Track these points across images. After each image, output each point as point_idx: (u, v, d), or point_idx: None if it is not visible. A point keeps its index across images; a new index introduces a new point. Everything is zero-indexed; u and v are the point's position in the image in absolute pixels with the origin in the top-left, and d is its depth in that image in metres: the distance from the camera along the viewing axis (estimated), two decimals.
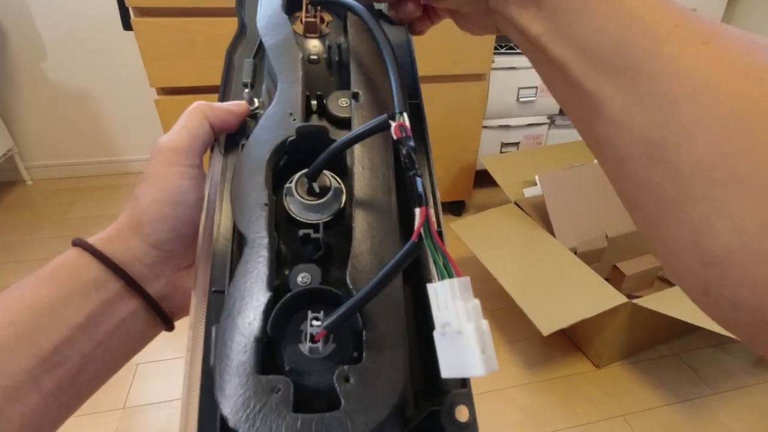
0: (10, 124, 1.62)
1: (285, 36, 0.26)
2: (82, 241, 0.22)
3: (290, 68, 0.25)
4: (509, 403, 0.95)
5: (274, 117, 0.23)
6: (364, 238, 0.20)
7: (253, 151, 0.22)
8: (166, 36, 1.02)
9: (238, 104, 0.25)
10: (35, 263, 1.30)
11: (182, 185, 0.23)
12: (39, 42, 1.52)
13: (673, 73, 0.16)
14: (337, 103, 0.25)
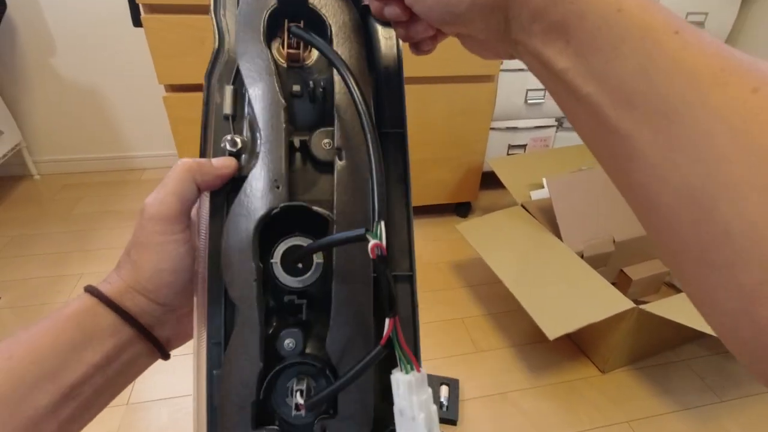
0: (18, 119, 1.63)
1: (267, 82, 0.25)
2: (97, 291, 0.25)
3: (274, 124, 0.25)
4: (513, 407, 0.94)
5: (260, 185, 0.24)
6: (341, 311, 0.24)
7: (240, 221, 0.24)
8: (175, 33, 1.02)
9: (226, 165, 0.25)
10: (43, 257, 1.31)
11: (179, 253, 0.25)
12: (48, 37, 1.53)
13: (721, 126, 0.15)
14: (321, 144, 0.26)
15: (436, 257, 1.37)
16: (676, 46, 0.16)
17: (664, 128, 0.16)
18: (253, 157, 0.25)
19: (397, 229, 0.27)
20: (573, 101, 0.20)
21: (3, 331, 1.07)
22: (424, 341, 1.08)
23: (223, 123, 0.26)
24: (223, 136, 0.26)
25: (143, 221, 0.25)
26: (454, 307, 1.19)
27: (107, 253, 1.34)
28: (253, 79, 0.25)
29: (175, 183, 0.25)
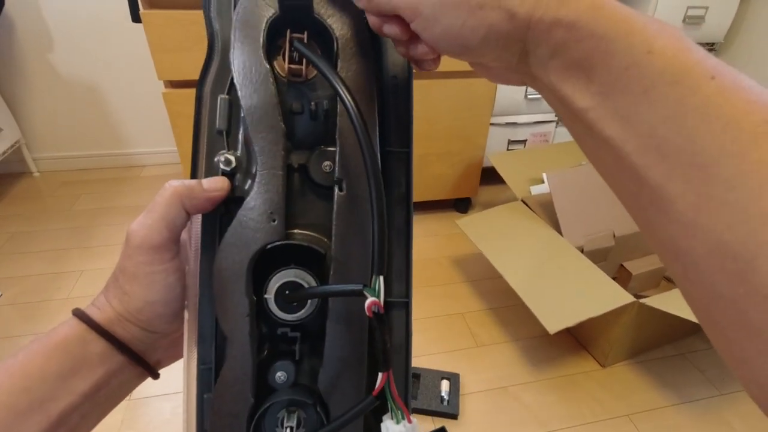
0: (17, 116, 1.63)
1: (266, 103, 0.23)
2: (88, 318, 0.24)
3: (272, 152, 0.23)
4: (514, 401, 0.95)
5: (255, 216, 0.23)
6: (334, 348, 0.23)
7: (233, 253, 0.23)
8: (175, 28, 1.02)
9: (218, 188, 0.24)
10: (43, 254, 1.31)
11: (169, 283, 0.24)
12: (47, 33, 1.53)
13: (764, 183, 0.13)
14: (320, 168, 0.24)
15: (437, 252, 1.37)
16: (712, 93, 0.15)
17: (699, 182, 0.15)
18: (248, 177, 0.24)
19: (396, 252, 0.26)
20: (594, 142, 0.18)
21: (4, 328, 1.07)
22: (425, 336, 1.09)
23: (216, 137, 0.24)
24: (216, 151, 0.24)
25: (129, 250, 0.23)
26: (455, 302, 1.19)
27: (107, 250, 1.34)
28: (251, 98, 0.23)
29: (163, 208, 0.23)
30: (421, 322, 1.12)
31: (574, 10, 0.17)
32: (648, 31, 0.16)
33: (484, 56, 0.20)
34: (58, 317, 1.10)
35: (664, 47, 0.16)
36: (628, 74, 0.16)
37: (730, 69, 0.16)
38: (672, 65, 0.16)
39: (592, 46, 0.17)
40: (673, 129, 0.15)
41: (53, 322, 1.09)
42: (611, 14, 0.17)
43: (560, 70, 0.18)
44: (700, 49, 0.16)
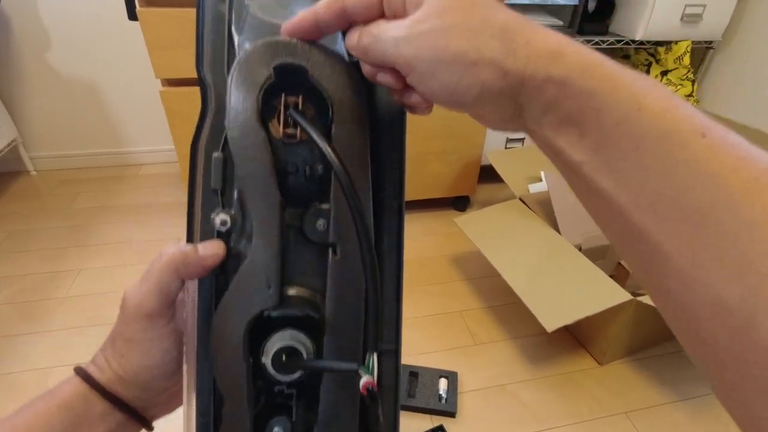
0: (14, 115, 1.62)
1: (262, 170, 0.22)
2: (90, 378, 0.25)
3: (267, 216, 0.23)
4: (512, 399, 0.95)
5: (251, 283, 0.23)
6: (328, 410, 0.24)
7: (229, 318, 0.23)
8: (171, 26, 1.02)
9: (214, 254, 0.24)
10: (41, 253, 1.30)
11: (165, 347, 0.25)
12: (43, 32, 1.52)
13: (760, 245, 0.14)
14: (315, 226, 0.24)
15: (435, 251, 1.37)
16: (702, 150, 0.15)
17: (694, 238, 0.15)
18: (243, 236, 0.24)
19: (386, 299, 0.26)
20: (590, 194, 0.19)
21: (3, 327, 1.07)
22: (423, 334, 1.09)
23: (211, 195, 0.24)
24: (211, 209, 0.24)
25: (125, 317, 0.24)
26: (453, 300, 1.19)
27: (105, 248, 1.34)
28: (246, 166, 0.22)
29: (158, 276, 0.23)
30: (419, 320, 1.12)
31: (564, 68, 0.18)
32: (637, 89, 0.17)
33: (479, 110, 0.20)
34: (56, 316, 1.10)
35: (652, 104, 0.16)
36: (619, 130, 0.17)
37: (719, 126, 0.16)
38: (661, 122, 0.16)
39: (583, 102, 0.17)
40: (664, 183, 0.16)
41: (51, 320, 1.08)
42: (600, 72, 0.17)
43: (553, 124, 0.19)
44: (688, 106, 0.17)
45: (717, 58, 1.63)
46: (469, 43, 0.18)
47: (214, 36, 0.25)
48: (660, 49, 1.54)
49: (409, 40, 0.19)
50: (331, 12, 0.21)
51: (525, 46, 0.18)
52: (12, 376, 0.96)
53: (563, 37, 0.19)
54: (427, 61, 0.19)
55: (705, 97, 1.68)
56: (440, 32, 0.19)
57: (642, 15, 1.44)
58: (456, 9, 0.19)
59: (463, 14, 0.19)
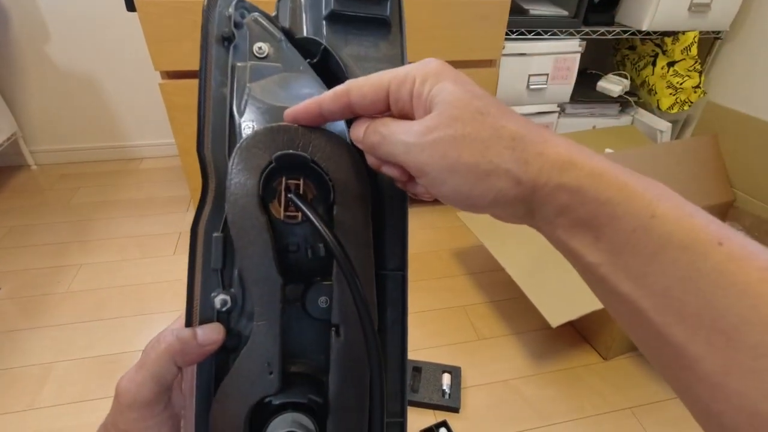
0: (13, 108, 1.61)
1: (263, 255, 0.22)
2: None
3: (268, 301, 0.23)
4: (516, 394, 0.94)
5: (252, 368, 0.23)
6: None
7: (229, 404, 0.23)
8: (170, 17, 1.00)
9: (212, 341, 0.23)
10: (41, 248, 1.30)
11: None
12: (42, 24, 1.50)
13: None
14: (317, 303, 0.24)
15: (437, 245, 1.36)
16: (722, 260, 0.15)
17: (723, 345, 0.15)
18: (243, 315, 0.24)
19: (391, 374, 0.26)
20: (609, 295, 0.18)
21: (4, 322, 1.06)
22: (426, 329, 1.08)
23: (210, 275, 0.24)
24: (211, 289, 0.24)
25: (121, 407, 0.23)
26: (456, 295, 1.18)
27: (106, 243, 1.33)
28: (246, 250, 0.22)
29: (154, 365, 0.23)
30: (422, 315, 1.11)
31: (575, 177, 0.18)
32: (649, 196, 0.17)
33: (490, 212, 0.21)
34: (57, 311, 1.10)
35: (666, 213, 0.16)
36: (635, 236, 0.17)
37: (735, 233, 0.16)
38: (678, 230, 0.16)
39: (597, 209, 0.17)
40: (688, 292, 0.15)
41: (53, 316, 1.08)
42: (612, 180, 0.18)
43: (567, 227, 0.19)
44: (702, 213, 0.17)
45: (725, 48, 1.60)
46: (482, 155, 0.19)
47: (215, 118, 0.25)
48: (667, 40, 1.51)
49: (421, 147, 0.19)
50: (336, 105, 0.21)
51: (537, 156, 0.18)
52: (13, 371, 0.95)
53: (574, 145, 0.19)
54: (439, 170, 0.19)
55: (712, 89, 1.66)
56: (452, 143, 0.19)
57: (648, 5, 1.42)
58: (466, 119, 0.19)
59: (473, 124, 0.19)
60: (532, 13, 1.41)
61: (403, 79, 0.20)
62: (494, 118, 0.19)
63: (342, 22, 0.26)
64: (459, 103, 0.19)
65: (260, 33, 0.26)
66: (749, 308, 0.14)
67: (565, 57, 1.44)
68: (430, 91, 0.20)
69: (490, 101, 0.20)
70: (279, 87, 0.25)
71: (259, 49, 0.25)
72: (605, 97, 1.60)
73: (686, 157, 1.22)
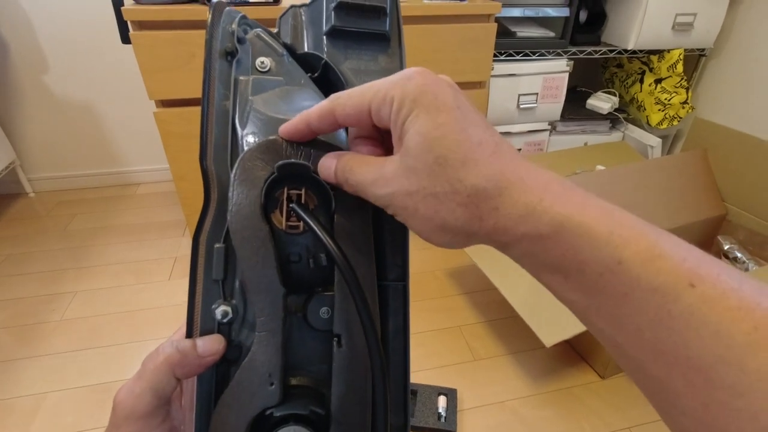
0: (12, 137, 1.63)
1: (265, 264, 0.22)
2: None
3: (270, 311, 0.23)
4: (512, 416, 0.93)
5: (253, 379, 0.23)
6: None
7: (230, 416, 0.22)
8: (164, 49, 1.02)
9: (213, 352, 0.23)
10: (38, 276, 1.30)
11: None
12: (41, 54, 1.54)
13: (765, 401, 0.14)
14: (318, 314, 0.24)
15: (431, 265, 1.36)
16: (694, 302, 0.15)
17: (702, 385, 0.15)
18: (245, 325, 0.24)
19: (393, 384, 0.26)
20: (589, 326, 0.18)
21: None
22: (421, 350, 1.07)
23: (212, 286, 0.24)
24: (212, 299, 0.24)
25: (118, 420, 0.22)
26: (451, 315, 1.18)
27: (103, 270, 1.33)
28: (249, 259, 0.22)
29: (152, 376, 0.22)
30: (417, 336, 1.11)
31: (534, 227, 0.18)
32: (615, 239, 0.17)
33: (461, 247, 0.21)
34: (51, 340, 1.09)
35: (632, 257, 0.16)
36: (603, 280, 0.17)
37: (709, 270, 0.16)
38: (645, 275, 0.16)
39: (561, 254, 0.17)
40: (663, 333, 0.15)
41: (46, 344, 1.08)
42: (574, 227, 0.17)
43: (534, 267, 0.19)
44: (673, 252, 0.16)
45: (710, 64, 1.64)
46: (435, 211, 0.19)
47: (218, 130, 0.25)
48: (653, 58, 1.54)
49: (386, 196, 0.20)
50: (323, 123, 0.22)
51: (492, 211, 0.18)
52: (5, 402, 0.95)
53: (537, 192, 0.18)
54: (400, 214, 0.20)
55: (700, 104, 1.68)
56: (407, 196, 0.19)
57: (633, 25, 1.45)
58: (423, 171, 0.19)
59: (429, 178, 0.19)
60: (520, 35, 1.44)
61: (382, 99, 0.20)
62: (453, 169, 0.18)
63: (342, 38, 0.26)
64: (420, 148, 0.19)
65: (262, 48, 0.26)
66: (725, 348, 0.14)
67: (554, 76, 1.47)
68: (404, 123, 0.19)
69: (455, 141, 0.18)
70: (281, 99, 0.25)
71: (261, 64, 0.26)
72: (595, 114, 1.63)
73: (677, 172, 1.23)
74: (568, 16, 1.43)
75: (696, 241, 1.25)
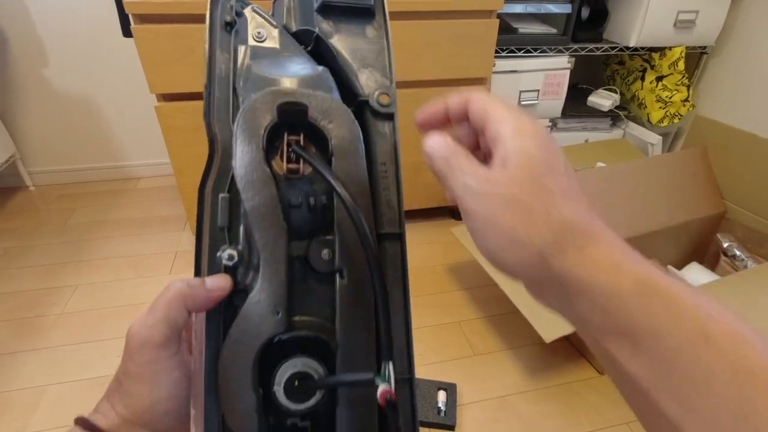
0: (12, 130, 1.63)
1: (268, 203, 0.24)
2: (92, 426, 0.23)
3: (275, 249, 0.24)
4: (511, 411, 0.94)
5: (260, 310, 0.23)
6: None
7: (239, 348, 0.23)
8: (165, 43, 1.02)
9: (221, 287, 0.24)
10: (37, 269, 1.30)
11: (173, 378, 0.24)
12: (40, 48, 1.53)
13: None
14: (320, 256, 0.25)
15: (431, 260, 1.37)
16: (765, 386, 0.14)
17: None
18: (250, 269, 0.25)
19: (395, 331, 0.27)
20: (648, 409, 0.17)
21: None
22: (421, 346, 1.08)
23: (217, 233, 0.25)
24: (218, 246, 0.25)
25: (132, 351, 0.23)
26: (451, 311, 1.18)
27: (103, 263, 1.33)
28: (253, 200, 0.24)
29: (165, 309, 0.23)
30: (416, 331, 1.11)
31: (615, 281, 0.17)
32: (702, 314, 0.16)
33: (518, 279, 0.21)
34: (51, 333, 1.09)
35: (721, 336, 0.15)
36: (683, 358, 0.15)
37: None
38: (733, 359, 0.15)
39: (639, 319, 0.16)
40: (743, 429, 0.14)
41: (47, 338, 1.08)
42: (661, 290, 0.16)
43: (602, 329, 0.17)
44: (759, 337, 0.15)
45: (711, 62, 1.63)
46: (523, 224, 0.18)
47: (219, 92, 0.27)
48: (654, 55, 1.54)
49: (477, 194, 0.20)
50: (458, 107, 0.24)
51: (576, 248, 0.18)
52: (5, 395, 0.95)
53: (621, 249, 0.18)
54: (481, 221, 0.20)
55: (701, 102, 1.68)
56: (503, 201, 0.19)
57: (635, 22, 1.45)
58: (528, 185, 0.19)
59: (531, 193, 0.19)
60: (522, 32, 1.44)
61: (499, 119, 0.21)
62: (553, 195, 0.19)
63: (332, 13, 0.29)
64: (527, 168, 0.19)
65: (259, 20, 0.29)
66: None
67: (555, 73, 1.47)
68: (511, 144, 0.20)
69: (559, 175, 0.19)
70: (276, 64, 0.27)
71: (258, 34, 0.28)
72: (596, 112, 1.63)
73: (677, 170, 1.23)
74: (569, 13, 1.43)
75: (695, 238, 1.25)
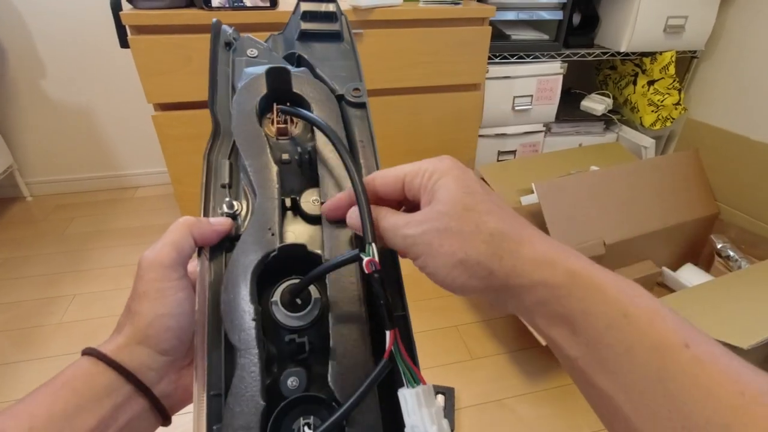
0: (9, 141, 1.63)
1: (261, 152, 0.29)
2: (95, 351, 0.24)
3: (267, 183, 0.28)
4: (511, 414, 0.94)
5: (255, 233, 0.26)
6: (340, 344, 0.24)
7: (238, 267, 0.25)
8: (162, 53, 1.03)
9: (222, 223, 0.27)
10: (36, 279, 1.30)
11: (178, 298, 0.26)
12: (38, 59, 1.54)
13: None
14: (310, 201, 0.29)
15: None
16: (689, 362, 0.17)
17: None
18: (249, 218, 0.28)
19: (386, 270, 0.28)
20: (588, 388, 0.20)
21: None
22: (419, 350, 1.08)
23: (221, 190, 0.29)
24: (221, 201, 0.28)
25: (141, 271, 0.25)
26: (448, 315, 1.19)
27: (101, 273, 1.34)
28: (249, 151, 0.28)
29: (173, 235, 0.26)
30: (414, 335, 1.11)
31: (551, 275, 0.20)
32: (623, 296, 0.19)
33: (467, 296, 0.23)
34: (50, 343, 1.09)
35: (638, 312, 0.18)
36: (609, 333, 0.18)
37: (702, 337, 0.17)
38: (648, 331, 0.18)
39: (572, 305, 0.19)
40: (659, 390, 0.17)
41: (45, 347, 1.08)
42: (587, 280, 0.19)
43: (545, 318, 0.20)
44: (672, 314, 0.18)
45: (701, 66, 1.66)
46: (459, 246, 0.21)
47: (221, 88, 0.33)
48: (645, 60, 1.56)
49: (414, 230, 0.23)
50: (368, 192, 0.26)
51: (511, 253, 0.21)
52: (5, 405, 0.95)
53: (552, 245, 0.21)
54: (424, 256, 0.22)
55: (692, 105, 1.70)
56: (437, 234, 0.22)
57: (625, 27, 1.47)
58: (453, 214, 0.22)
59: (458, 219, 0.22)
60: (514, 38, 1.46)
61: (416, 171, 0.24)
62: (478, 214, 0.22)
63: (309, 38, 0.36)
64: (451, 199, 0.22)
65: (252, 43, 0.35)
66: (713, 411, 0.16)
67: (548, 78, 1.49)
68: (434, 186, 0.23)
69: (481, 198, 0.22)
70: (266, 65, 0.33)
71: (251, 52, 0.34)
72: (589, 116, 1.64)
73: (670, 172, 1.24)
74: (561, 19, 1.45)
75: (689, 239, 1.26)
